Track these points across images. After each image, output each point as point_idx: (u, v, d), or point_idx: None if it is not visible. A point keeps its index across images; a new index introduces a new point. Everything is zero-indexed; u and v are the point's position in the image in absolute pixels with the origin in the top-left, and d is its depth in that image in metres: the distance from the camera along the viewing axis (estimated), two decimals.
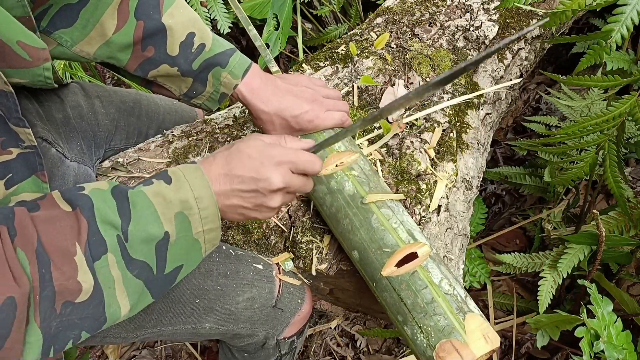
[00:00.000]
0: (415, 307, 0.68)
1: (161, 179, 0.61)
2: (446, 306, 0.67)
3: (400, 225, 0.74)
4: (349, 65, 1.08)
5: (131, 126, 1.01)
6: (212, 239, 0.63)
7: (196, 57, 0.77)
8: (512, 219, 1.55)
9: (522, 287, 1.42)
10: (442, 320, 0.66)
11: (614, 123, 0.86)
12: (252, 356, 0.96)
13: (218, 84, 0.79)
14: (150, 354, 1.41)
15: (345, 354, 1.35)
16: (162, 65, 0.77)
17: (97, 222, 0.54)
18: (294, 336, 0.94)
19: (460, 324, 0.65)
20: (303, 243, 0.87)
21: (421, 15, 1.18)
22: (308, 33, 1.77)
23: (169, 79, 0.80)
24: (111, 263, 0.54)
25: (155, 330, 0.80)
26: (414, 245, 0.72)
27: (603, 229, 0.92)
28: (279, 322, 0.89)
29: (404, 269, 0.70)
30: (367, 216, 0.75)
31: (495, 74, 1.16)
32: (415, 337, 0.67)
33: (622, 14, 0.78)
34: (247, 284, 0.84)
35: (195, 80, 0.79)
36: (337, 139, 0.68)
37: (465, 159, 1.00)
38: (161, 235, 0.57)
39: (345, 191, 0.78)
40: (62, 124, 0.88)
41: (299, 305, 0.90)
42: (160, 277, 0.59)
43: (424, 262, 0.70)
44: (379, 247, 0.72)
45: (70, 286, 0.51)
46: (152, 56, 0.76)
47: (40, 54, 0.64)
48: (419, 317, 0.67)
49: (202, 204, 0.60)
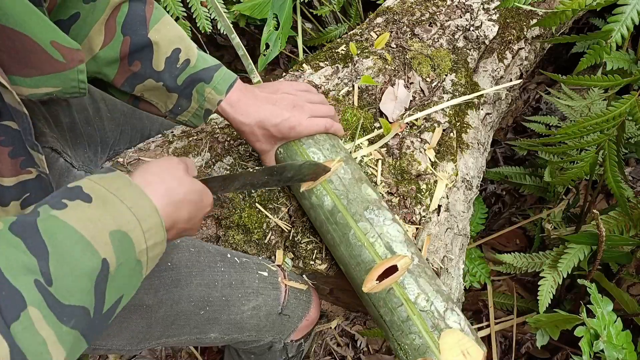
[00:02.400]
0: (393, 325, 0.69)
1: (77, 198, 0.49)
2: (421, 324, 0.67)
3: (378, 238, 0.73)
4: (349, 65, 1.08)
5: (135, 129, 1.02)
6: (156, 256, 0.54)
7: (181, 72, 0.77)
8: (512, 219, 1.55)
9: (522, 287, 1.42)
10: (417, 339, 0.66)
11: (614, 123, 0.86)
12: (258, 358, 0.96)
13: (202, 100, 0.79)
14: (150, 354, 1.41)
15: (345, 354, 1.35)
16: (147, 80, 0.76)
17: (2, 271, 0.41)
18: (301, 339, 0.93)
19: (434, 342, 0.65)
20: (303, 243, 0.87)
21: (421, 15, 1.18)
22: (308, 33, 1.77)
23: (155, 95, 0.79)
24: (36, 320, 0.41)
25: (159, 342, 0.80)
26: (392, 259, 0.71)
27: (603, 229, 0.92)
28: (286, 327, 0.88)
29: (382, 285, 0.70)
30: (345, 232, 0.75)
31: (495, 73, 1.16)
32: (397, 352, 0.69)
33: (622, 13, 0.78)
34: (253, 292, 0.83)
35: (180, 96, 0.78)
36: (233, 184, 0.71)
37: (466, 159, 1.00)
38: (98, 266, 0.46)
39: (325, 206, 0.78)
40: (68, 129, 0.88)
41: (306, 310, 0.89)
42: (98, 318, 0.47)
43: (400, 278, 0.70)
44: (357, 263, 0.73)
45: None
46: (138, 71, 0.76)
47: (74, 55, 0.60)
48: (397, 335, 0.68)
49: (141, 214, 0.51)
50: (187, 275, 0.78)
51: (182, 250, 0.80)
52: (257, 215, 0.90)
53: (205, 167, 0.95)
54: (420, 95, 1.04)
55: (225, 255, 0.84)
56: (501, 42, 1.19)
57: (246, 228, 0.90)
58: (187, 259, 0.79)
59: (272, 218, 0.90)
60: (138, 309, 0.75)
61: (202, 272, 0.79)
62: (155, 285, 0.76)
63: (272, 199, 0.91)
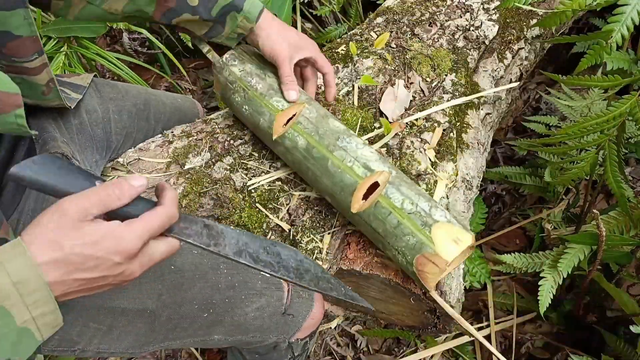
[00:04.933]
0: (387, 234, 0.74)
1: None
2: (412, 225, 0.72)
3: (355, 162, 0.78)
4: (349, 65, 1.08)
5: (140, 131, 1.02)
6: (51, 321, 0.50)
7: (214, 4, 0.84)
8: (512, 219, 1.55)
9: (522, 287, 1.42)
10: (411, 239, 0.72)
11: (614, 123, 0.86)
12: (263, 357, 0.95)
13: (235, 26, 0.87)
14: (150, 353, 1.41)
15: (345, 354, 1.35)
16: (184, 14, 0.84)
17: None
18: (306, 338, 0.93)
19: (427, 237, 0.71)
20: (303, 243, 0.87)
21: (421, 15, 1.18)
22: (308, 33, 1.77)
23: (191, 24, 0.87)
24: None
25: (163, 345, 0.79)
26: (372, 177, 0.76)
27: (603, 229, 0.92)
28: (290, 327, 0.88)
29: (368, 202, 0.75)
30: (323, 164, 0.80)
31: (495, 73, 1.16)
32: (397, 258, 0.74)
33: (623, 13, 0.78)
34: (256, 293, 0.83)
35: (215, 23, 0.87)
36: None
37: (466, 159, 1.00)
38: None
39: (299, 147, 0.83)
40: (77, 131, 0.88)
41: (310, 309, 0.89)
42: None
43: (383, 190, 0.75)
44: (341, 188, 0.78)
45: None
46: (174, 6, 0.83)
47: (10, 100, 0.59)
48: (392, 242, 0.73)
49: (25, 289, 0.47)
50: (190, 278, 0.78)
51: (186, 252, 0.79)
52: (257, 215, 0.90)
53: (206, 167, 0.95)
54: (420, 95, 1.04)
55: None
56: (501, 42, 1.19)
57: (246, 228, 0.90)
58: (191, 262, 0.79)
59: (272, 218, 0.90)
60: (141, 314, 0.75)
61: (205, 275, 0.79)
62: (158, 290, 0.76)
63: (272, 199, 0.91)
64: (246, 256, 0.60)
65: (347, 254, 0.85)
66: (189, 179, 0.93)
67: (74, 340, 0.73)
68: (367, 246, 0.85)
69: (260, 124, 0.88)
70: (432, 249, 0.70)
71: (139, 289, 0.75)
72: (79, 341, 0.73)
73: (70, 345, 0.73)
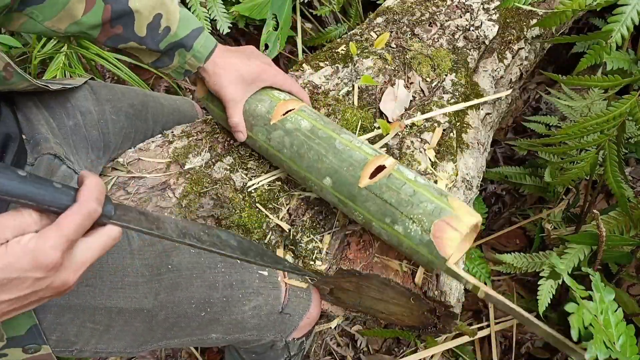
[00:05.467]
0: (401, 203, 0.72)
1: None
2: (428, 193, 0.72)
3: (363, 144, 0.80)
4: (349, 65, 1.08)
5: (138, 132, 1.01)
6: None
7: (162, 38, 0.81)
8: (512, 219, 1.55)
9: (522, 287, 1.42)
10: (429, 206, 0.71)
11: (614, 123, 0.86)
12: (260, 357, 0.95)
13: (183, 62, 0.85)
14: (150, 354, 1.41)
15: (345, 354, 1.35)
16: (130, 42, 0.81)
17: None
18: (303, 337, 0.93)
19: (445, 203, 0.71)
20: (303, 243, 0.87)
21: (421, 15, 1.18)
22: (308, 33, 1.77)
23: (137, 51, 0.85)
24: None
25: (161, 344, 0.80)
26: (381, 158, 0.77)
27: (603, 229, 0.92)
28: (287, 326, 0.88)
29: (378, 177, 0.75)
30: (330, 142, 0.80)
31: (495, 73, 1.16)
32: (409, 230, 0.71)
33: (623, 13, 0.78)
34: (253, 292, 0.83)
35: (162, 55, 0.84)
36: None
37: (466, 159, 1.00)
38: None
39: (302, 128, 0.83)
40: (72, 133, 0.88)
41: (307, 308, 0.89)
42: None
43: (395, 167, 0.76)
44: (350, 164, 0.77)
45: None
46: (120, 33, 0.80)
47: None
48: (407, 210, 0.71)
49: None
50: (187, 277, 0.78)
51: (183, 251, 0.79)
52: (257, 215, 0.90)
53: (206, 167, 0.95)
54: (420, 95, 1.04)
55: None
56: (501, 42, 1.19)
57: (246, 228, 0.90)
58: (188, 261, 0.79)
59: (272, 218, 0.90)
60: (138, 313, 0.75)
61: (202, 274, 0.79)
62: (155, 289, 0.76)
63: (272, 199, 0.91)
64: (191, 238, 0.60)
65: (347, 254, 0.85)
66: (189, 179, 0.93)
67: (71, 340, 0.73)
68: (367, 246, 0.85)
69: (257, 110, 0.88)
70: (452, 212, 0.69)
71: (136, 289, 0.75)
72: (77, 341, 0.73)
73: (68, 346, 0.73)
